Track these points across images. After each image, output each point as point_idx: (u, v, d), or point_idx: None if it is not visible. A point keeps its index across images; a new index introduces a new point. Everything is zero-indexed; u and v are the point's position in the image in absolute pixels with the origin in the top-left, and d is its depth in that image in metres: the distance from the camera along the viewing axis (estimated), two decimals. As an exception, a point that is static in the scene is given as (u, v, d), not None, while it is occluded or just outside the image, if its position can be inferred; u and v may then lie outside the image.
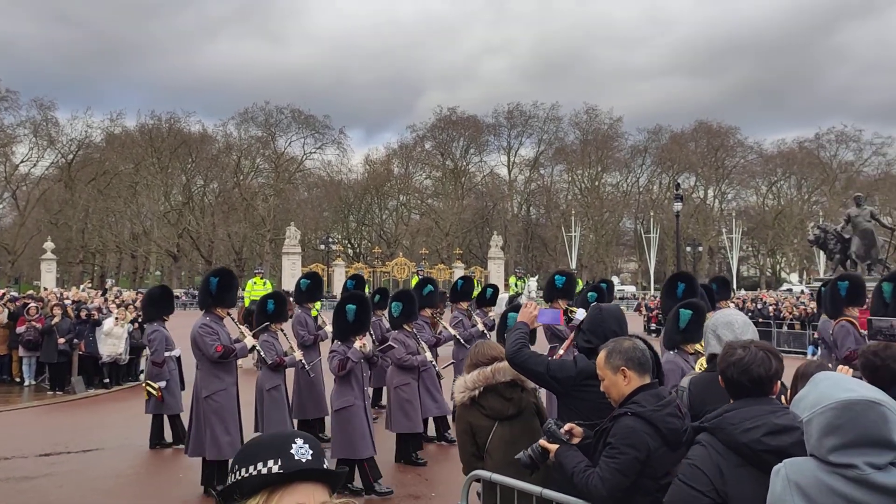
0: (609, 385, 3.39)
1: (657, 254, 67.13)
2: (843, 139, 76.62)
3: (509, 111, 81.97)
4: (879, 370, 3.68)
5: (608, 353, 3.42)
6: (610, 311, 4.28)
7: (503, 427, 4.43)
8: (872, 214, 36.78)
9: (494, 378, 4.52)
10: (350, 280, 11.78)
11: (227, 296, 7.85)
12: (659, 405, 3.25)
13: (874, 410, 2.16)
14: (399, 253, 71.32)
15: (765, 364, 2.86)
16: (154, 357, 10.12)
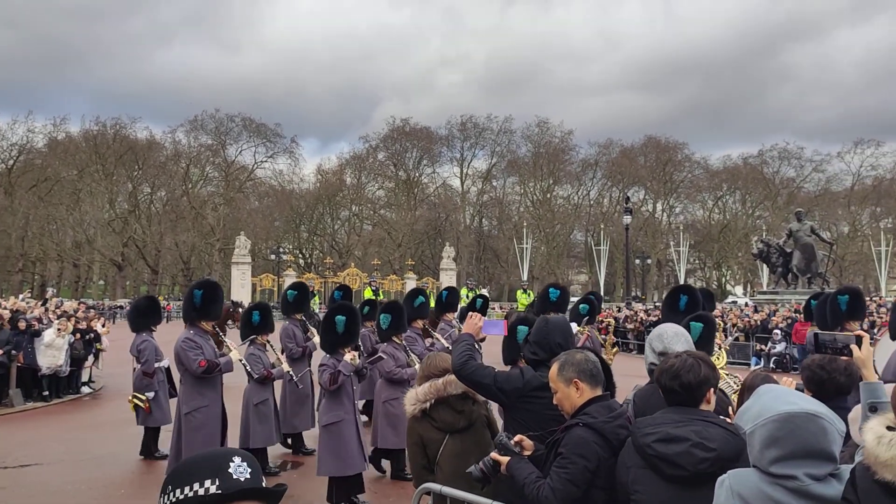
0: (562, 397, 3.40)
1: (607, 266, 68.09)
2: (786, 156, 79.08)
3: (462, 123, 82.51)
4: (825, 383, 3.78)
5: (561, 365, 3.43)
6: (556, 323, 4.30)
7: (454, 439, 4.42)
8: (812, 229, 38.01)
9: (446, 390, 4.51)
10: (337, 291, 11.60)
11: (211, 308, 7.71)
12: (610, 416, 3.28)
13: (814, 423, 2.22)
14: (351, 263, 70.83)
15: (694, 370, 2.95)
16: (145, 368, 9.94)
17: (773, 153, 79.12)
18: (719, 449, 2.81)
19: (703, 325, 5.45)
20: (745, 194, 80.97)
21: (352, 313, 7.41)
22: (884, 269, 58.60)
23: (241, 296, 61.25)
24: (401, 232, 77.55)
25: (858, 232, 74.50)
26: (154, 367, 9.89)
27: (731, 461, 2.78)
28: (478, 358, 4.31)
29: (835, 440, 2.24)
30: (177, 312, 54.48)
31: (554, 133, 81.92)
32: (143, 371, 9.87)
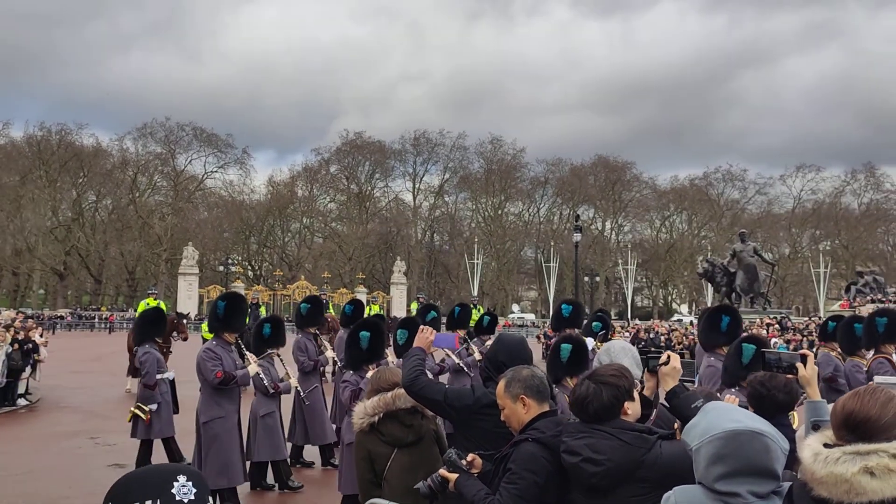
0: (509, 413, 3.41)
1: (557, 283, 68.81)
2: (730, 178, 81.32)
3: (416, 138, 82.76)
4: (765, 399, 3.88)
5: (507, 381, 3.45)
6: (506, 341, 4.32)
7: (402, 454, 4.39)
8: (755, 250, 39.10)
9: (395, 404, 4.47)
10: (348, 305, 11.36)
11: (235, 320, 7.66)
12: (558, 430, 3.29)
13: (758, 441, 2.27)
14: (301, 276, 70.20)
15: (597, 398, 3.03)
16: (146, 380, 9.70)
17: (717, 175, 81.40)
18: (608, 464, 2.89)
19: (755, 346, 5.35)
20: (692, 215, 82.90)
21: (377, 329, 7.23)
22: (822, 290, 60.52)
23: (188, 307, 60.02)
24: (352, 245, 77.16)
25: (798, 253, 76.90)
26: (156, 379, 9.70)
27: (626, 473, 2.87)
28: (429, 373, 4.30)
29: (778, 458, 2.30)
30: (120, 323, 53.16)
31: (507, 150, 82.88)
32: (144, 383, 9.69)
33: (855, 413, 2.14)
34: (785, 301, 67.40)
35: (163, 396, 9.71)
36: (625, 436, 2.95)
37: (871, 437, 2.09)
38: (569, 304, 9.00)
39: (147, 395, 9.56)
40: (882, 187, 78.37)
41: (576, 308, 8.97)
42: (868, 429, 2.11)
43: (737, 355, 5.45)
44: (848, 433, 2.14)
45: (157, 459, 9.65)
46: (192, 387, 8.30)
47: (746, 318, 31.50)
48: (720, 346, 6.69)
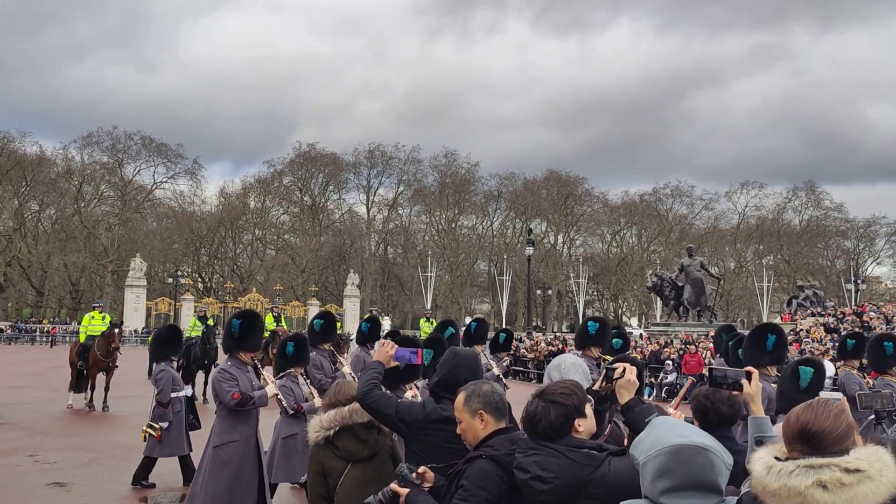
0: (466, 427, 3.42)
1: (509, 296, 69.21)
2: (678, 194, 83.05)
3: (370, 151, 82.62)
4: (709, 413, 3.97)
5: (467, 395, 3.45)
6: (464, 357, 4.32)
7: (356, 468, 4.35)
8: (702, 265, 39.98)
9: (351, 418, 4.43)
10: (365, 323, 11.09)
11: (250, 339, 7.38)
12: (512, 449, 3.29)
13: (703, 456, 2.32)
14: (252, 288, 69.30)
15: (545, 417, 3.05)
16: (160, 397, 9.54)
17: (666, 191, 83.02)
18: (556, 482, 2.92)
19: (813, 370, 5.27)
20: (641, 229, 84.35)
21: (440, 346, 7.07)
22: (765, 303, 62.10)
23: (135, 320, 58.75)
24: (305, 258, 76.47)
25: (743, 268, 78.80)
26: (170, 396, 9.49)
27: (574, 491, 2.90)
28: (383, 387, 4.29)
29: (721, 473, 2.35)
30: (63, 337, 51.51)
31: (461, 164, 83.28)
32: (158, 401, 9.50)
33: (809, 425, 2.19)
34: (730, 314, 68.96)
35: (175, 415, 9.59)
36: (573, 454, 2.97)
37: (824, 450, 2.14)
38: (595, 322, 8.55)
39: (160, 412, 9.49)
40: (822, 204, 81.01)
41: (602, 326, 8.59)
42: (821, 441, 2.16)
43: (793, 379, 5.32)
44: (801, 445, 2.18)
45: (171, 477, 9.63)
46: (131, 402, 8.12)
47: (693, 331, 32.17)
48: (765, 365, 6.57)
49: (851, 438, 2.20)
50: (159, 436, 9.35)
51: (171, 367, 9.92)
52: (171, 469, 9.61)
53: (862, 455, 2.10)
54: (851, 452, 2.11)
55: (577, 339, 8.84)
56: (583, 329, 8.61)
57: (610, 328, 9.29)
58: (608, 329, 8.89)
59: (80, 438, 12.97)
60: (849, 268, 70.75)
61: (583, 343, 8.47)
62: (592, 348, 8.32)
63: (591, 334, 8.38)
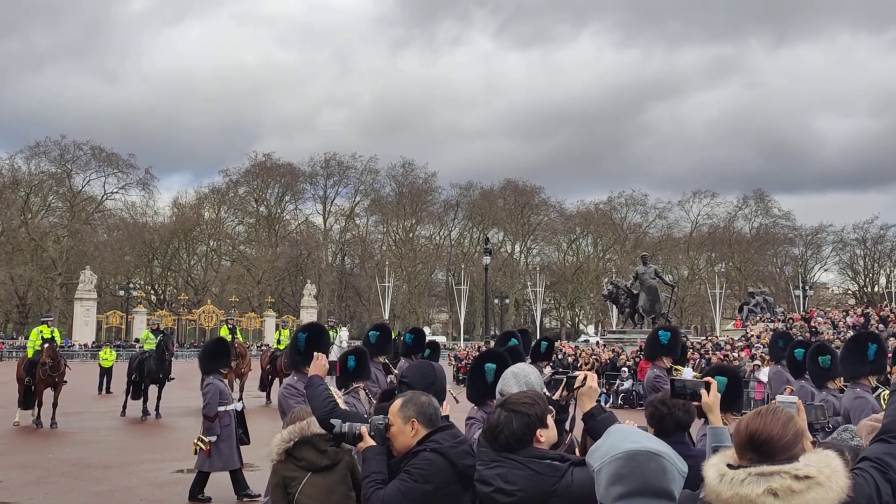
0: (396, 432, 3.45)
1: (467, 305, 69.38)
2: (632, 203, 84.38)
3: (326, 161, 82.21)
4: (665, 418, 4.02)
5: (404, 402, 3.50)
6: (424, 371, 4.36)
7: (315, 478, 4.45)
8: (656, 272, 40.60)
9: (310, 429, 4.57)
10: (409, 334, 10.79)
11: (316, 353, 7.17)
12: (455, 442, 3.38)
13: (655, 462, 2.35)
14: (207, 300, 68.23)
15: (508, 427, 3.06)
16: (206, 411, 9.39)
17: (621, 200, 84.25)
18: (520, 494, 2.93)
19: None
20: (597, 238, 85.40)
21: (502, 361, 6.90)
22: (718, 310, 63.32)
23: (85, 334, 57.38)
24: (261, 268, 75.63)
25: (696, 275, 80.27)
26: (217, 410, 9.28)
27: (538, 502, 2.91)
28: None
29: (674, 479, 2.37)
30: (9, 352, 49.91)
31: (418, 174, 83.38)
32: (205, 414, 9.34)
33: (758, 432, 2.23)
34: (684, 321, 70.17)
35: (224, 429, 9.43)
36: (536, 465, 2.98)
37: (773, 456, 2.18)
38: (667, 332, 8.25)
39: (207, 426, 9.38)
40: (771, 213, 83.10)
41: (674, 335, 8.25)
42: (770, 448, 2.20)
43: None
44: (751, 452, 2.22)
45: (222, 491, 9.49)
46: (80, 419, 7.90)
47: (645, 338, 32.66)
48: (865, 376, 6.39)
49: (800, 445, 2.24)
50: (208, 450, 9.22)
51: (219, 380, 9.79)
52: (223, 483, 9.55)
53: (811, 461, 2.14)
54: (801, 459, 2.16)
55: (647, 348, 8.48)
56: (654, 338, 8.25)
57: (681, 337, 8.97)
58: (679, 338, 8.63)
59: (27, 456, 12.60)
60: (797, 274, 72.62)
61: (654, 353, 8.15)
62: (664, 358, 8.04)
63: (664, 344, 8.09)
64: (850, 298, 77.54)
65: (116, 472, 11.24)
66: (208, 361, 10.06)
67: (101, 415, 18.38)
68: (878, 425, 2.70)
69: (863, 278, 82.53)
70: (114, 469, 11.49)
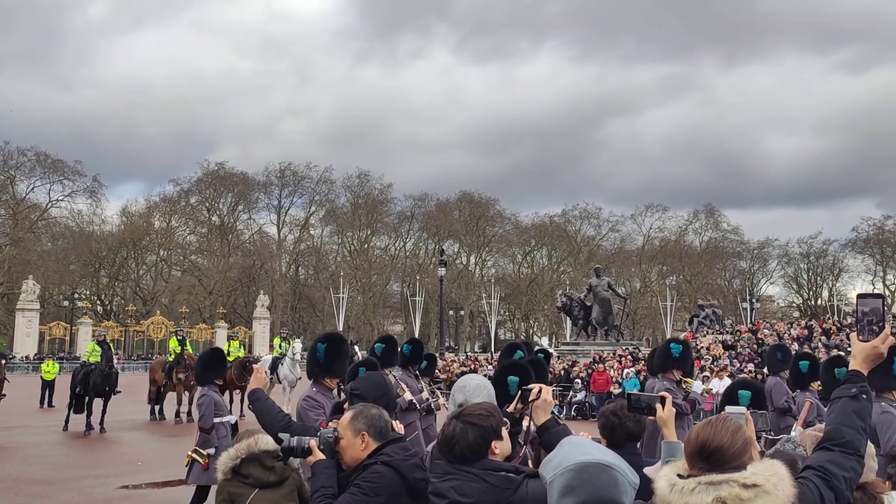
0: (346, 445, 3.42)
1: (422, 316, 69.28)
2: (586, 216, 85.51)
3: (281, 170, 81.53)
4: (616, 429, 4.04)
5: (354, 414, 3.47)
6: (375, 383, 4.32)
7: (263, 494, 4.45)
8: (609, 285, 41.12)
9: (257, 446, 4.58)
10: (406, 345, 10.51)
11: (336, 364, 6.97)
12: (406, 455, 3.36)
13: (607, 474, 2.35)
14: (157, 311, 66.82)
15: (463, 439, 3.04)
16: (202, 423, 9.02)
17: (575, 213, 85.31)
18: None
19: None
20: (551, 250, 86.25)
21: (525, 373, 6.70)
22: (669, 322, 64.42)
23: (27, 345, 55.68)
24: (212, 279, 74.44)
25: (648, 288, 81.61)
26: (212, 422, 8.97)
27: None
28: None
29: (626, 491, 2.39)
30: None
31: (374, 185, 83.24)
32: (200, 427, 9.01)
33: (708, 442, 2.26)
34: (637, 333, 71.13)
35: (220, 441, 9.13)
36: (491, 477, 2.96)
37: (722, 466, 2.21)
38: (678, 344, 8.17)
39: (204, 438, 9.09)
40: (720, 227, 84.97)
41: (685, 348, 8.19)
42: (720, 457, 2.23)
43: None
44: (701, 462, 2.25)
45: None
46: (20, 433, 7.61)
47: (602, 350, 33.01)
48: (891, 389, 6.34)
49: (749, 454, 2.28)
50: (206, 462, 8.97)
51: (214, 391, 9.54)
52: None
53: (759, 470, 2.18)
54: (749, 467, 2.19)
55: (657, 361, 8.29)
56: (665, 351, 8.13)
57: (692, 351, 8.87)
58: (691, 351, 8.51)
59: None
60: (744, 287, 74.40)
61: (664, 365, 8.00)
62: (674, 371, 7.92)
63: (675, 357, 7.97)
64: (795, 311, 79.78)
65: (58, 489, 10.92)
66: (204, 372, 9.84)
67: (43, 429, 17.87)
68: (821, 435, 2.77)
69: (806, 291, 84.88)
70: (55, 485, 11.15)
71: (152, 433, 18.39)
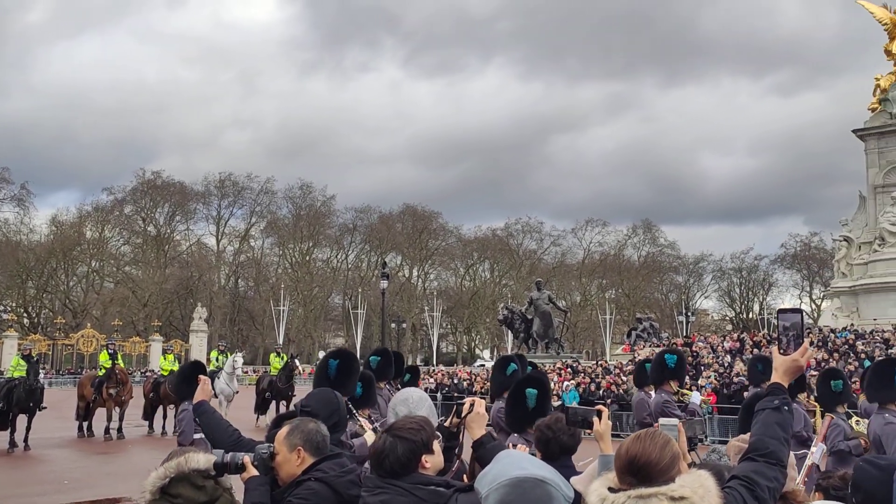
0: (282, 461, 3.36)
1: (364, 329, 68.82)
2: (528, 230, 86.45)
3: (220, 181, 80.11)
4: (550, 443, 4.06)
5: (290, 430, 3.41)
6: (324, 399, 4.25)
7: None
8: (550, 298, 41.61)
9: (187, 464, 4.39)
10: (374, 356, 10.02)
11: (347, 381, 6.66)
12: (342, 472, 3.31)
13: (540, 488, 2.36)
14: (87, 324, 64.62)
15: (393, 453, 3.03)
16: (181, 438, 8.65)
17: (517, 226, 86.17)
18: None
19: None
20: (494, 263, 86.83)
21: (542, 386, 6.43)
22: (608, 335, 65.47)
23: (-53, 360, 53.11)
24: (147, 291, 72.50)
25: (588, 301, 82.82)
26: (192, 437, 8.51)
27: None
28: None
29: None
30: None
31: (316, 197, 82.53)
32: (179, 442, 8.55)
33: (638, 456, 2.29)
34: (576, 346, 72.04)
35: None
36: (420, 491, 2.95)
37: (651, 479, 2.24)
38: (673, 354, 8.14)
39: None
40: (657, 242, 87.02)
41: (680, 359, 8.15)
42: (649, 471, 2.26)
43: None
44: (630, 476, 2.28)
45: None
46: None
47: (542, 363, 33.31)
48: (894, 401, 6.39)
49: (677, 467, 2.32)
50: None
51: None
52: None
53: (686, 482, 2.22)
54: (677, 480, 2.23)
55: (652, 372, 8.20)
56: (660, 362, 8.05)
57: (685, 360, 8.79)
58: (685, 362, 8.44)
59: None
60: (680, 301, 76.15)
61: (660, 377, 7.94)
62: (671, 382, 7.86)
63: (671, 368, 7.90)
64: (728, 324, 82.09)
65: (-24, 510, 10.39)
66: (184, 385, 9.56)
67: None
68: (745, 446, 2.84)
69: (739, 305, 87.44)
70: (-26, 506, 10.62)
71: (80, 451, 17.75)
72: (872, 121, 36.71)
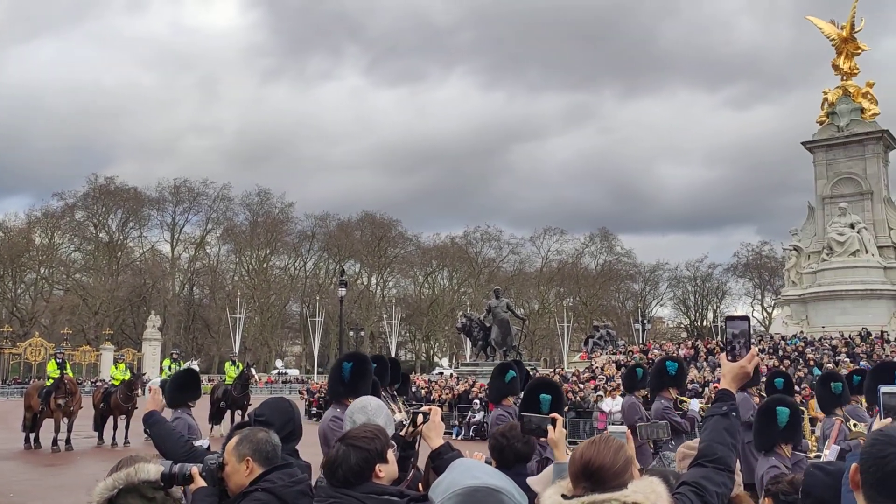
0: (231, 472, 3.32)
1: (322, 337, 68.28)
2: (487, 238, 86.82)
3: (176, 187, 78.78)
4: (505, 451, 4.07)
5: (239, 439, 3.37)
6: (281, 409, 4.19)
7: None
8: (508, 306, 41.72)
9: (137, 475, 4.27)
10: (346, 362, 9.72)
11: (361, 384, 6.36)
12: (291, 482, 3.27)
13: (494, 497, 2.35)
14: (35, 333, 62.87)
15: (346, 461, 3.01)
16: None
17: (476, 234, 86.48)
18: None
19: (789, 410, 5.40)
20: (452, 271, 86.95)
21: (557, 392, 6.37)
22: (566, 342, 66.03)
23: None
24: (99, 298, 70.90)
25: (546, 309, 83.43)
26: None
27: None
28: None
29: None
30: None
31: (274, 204, 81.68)
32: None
33: (591, 461, 2.29)
34: (535, 353, 72.53)
35: None
36: (372, 501, 2.93)
37: (604, 484, 2.25)
38: (674, 362, 8.04)
39: None
40: (614, 250, 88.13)
41: (680, 366, 8.06)
42: (602, 476, 2.27)
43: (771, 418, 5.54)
44: (584, 481, 2.28)
45: None
46: None
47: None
48: None
49: (630, 472, 2.34)
50: None
51: (188, 414, 8.85)
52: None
53: (638, 488, 2.24)
54: (629, 486, 2.25)
55: (652, 379, 8.12)
56: (660, 369, 7.96)
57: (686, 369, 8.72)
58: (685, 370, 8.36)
59: None
60: (637, 309, 77.19)
61: (660, 384, 7.85)
62: (671, 389, 7.81)
63: (672, 375, 7.82)
64: (683, 332, 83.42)
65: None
66: (177, 393, 9.32)
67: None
68: (692, 452, 2.89)
69: (693, 313, 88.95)
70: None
71: (27, 463, 17.24)
72: (820, 133, 37.74)
